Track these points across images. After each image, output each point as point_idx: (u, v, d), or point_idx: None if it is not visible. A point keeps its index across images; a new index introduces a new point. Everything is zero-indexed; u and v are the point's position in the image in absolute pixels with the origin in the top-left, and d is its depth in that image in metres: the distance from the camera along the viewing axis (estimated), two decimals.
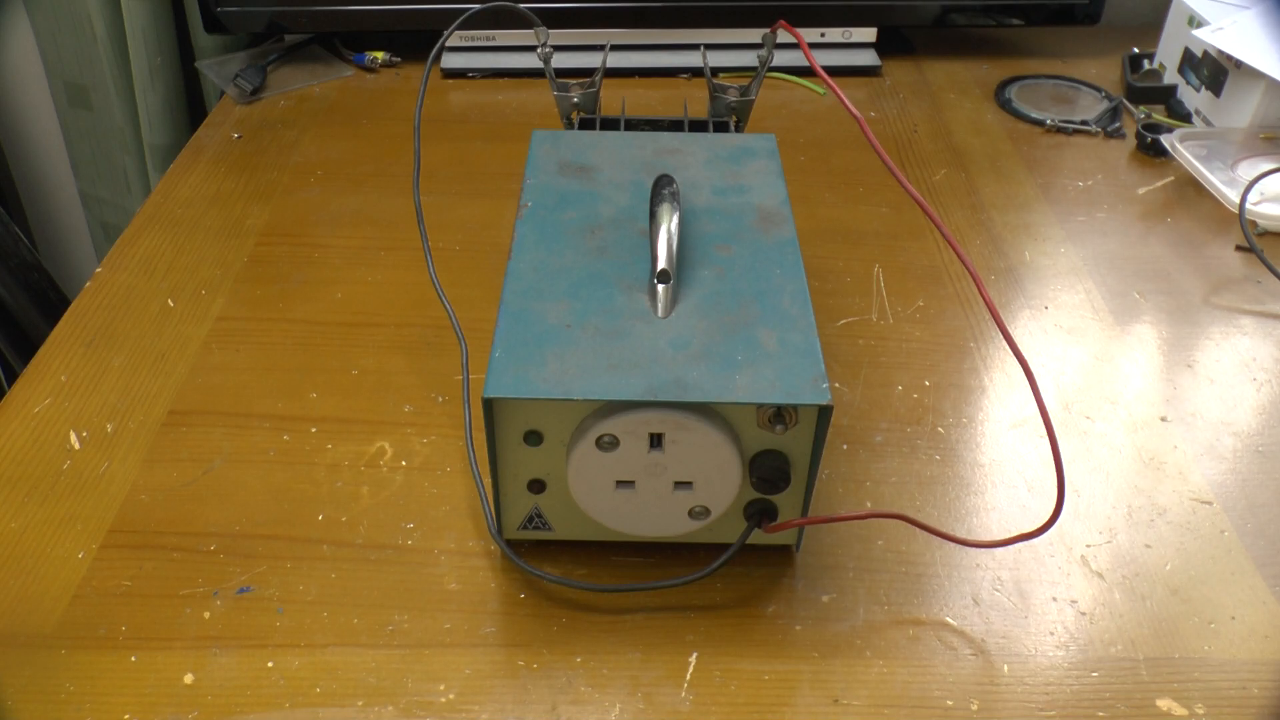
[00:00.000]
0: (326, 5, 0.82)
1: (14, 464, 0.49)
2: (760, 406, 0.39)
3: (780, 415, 0.39)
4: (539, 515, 0.43)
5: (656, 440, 0.39)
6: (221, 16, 0.82)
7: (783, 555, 0.45)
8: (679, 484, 0.40)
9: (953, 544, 0.45)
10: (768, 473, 0.40)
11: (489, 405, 0.39)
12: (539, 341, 0.40)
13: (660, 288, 0.42)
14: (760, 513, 0.42)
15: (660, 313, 0.41)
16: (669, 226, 0.43)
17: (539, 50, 0.58)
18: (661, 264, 0.42)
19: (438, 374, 0.54)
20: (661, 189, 0.45)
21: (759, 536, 0.42)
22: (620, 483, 0.40)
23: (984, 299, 0.39)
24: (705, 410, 0.38)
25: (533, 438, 0.40)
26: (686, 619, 0.42)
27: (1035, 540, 0.45)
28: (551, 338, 0.40)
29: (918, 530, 0.46)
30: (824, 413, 0.39)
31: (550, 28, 0.59)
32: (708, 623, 0.42)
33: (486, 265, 0.61)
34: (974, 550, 0.45)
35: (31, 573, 0.44)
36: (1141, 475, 0.49)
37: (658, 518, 0.41)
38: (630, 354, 0.40)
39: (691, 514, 0.41)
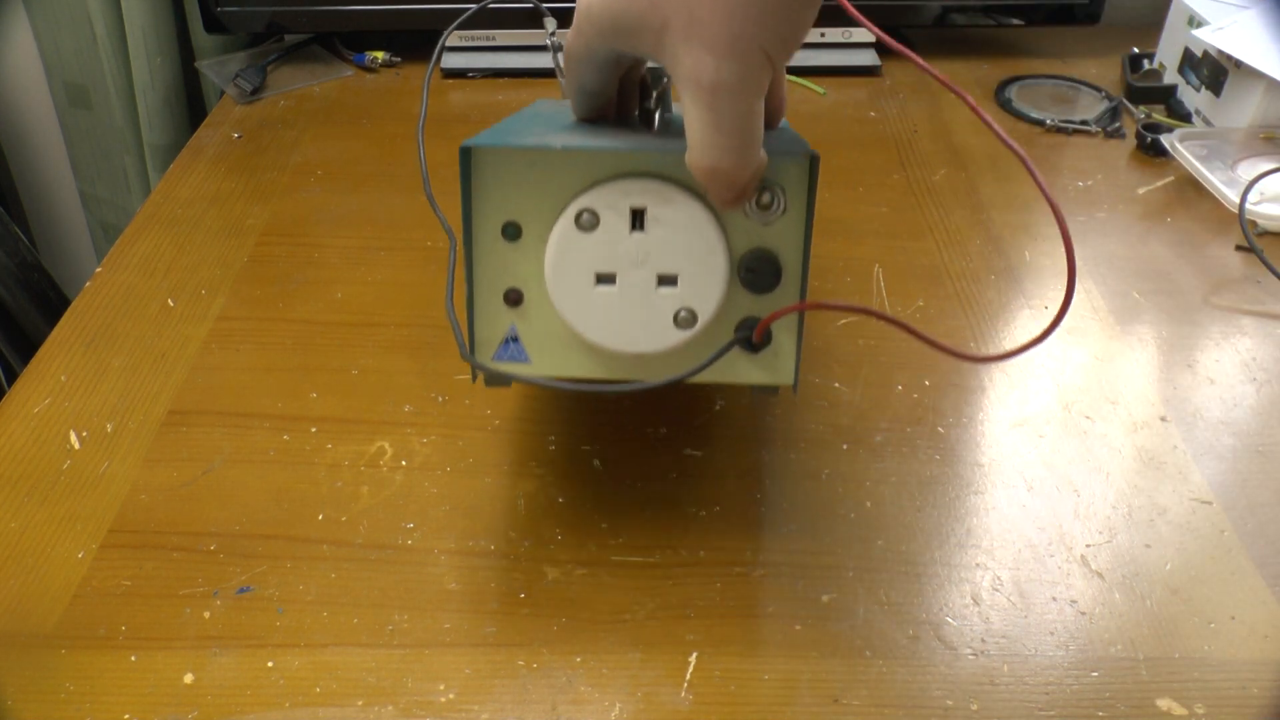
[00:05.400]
0: (326, 5, 0.82)
1: (14, 464, 0.49)
2: None
3: (767, 194, 0.38)
4: (515, 341, 0.41)
5: (638, 220, 0.38)
6: (221, 16, 0.82)
7: (784, 554, 0.45)
8: (663, 279, 0.39)
9: (954, 541, 0.45)
10: (756, 262, 0.39)
11: (466, 155, 0.38)
12: (522, 133, 0.40)
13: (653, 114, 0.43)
14: (752, 329, 0.40)
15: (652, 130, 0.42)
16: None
17: (548, 39, 0.58)
18: (651, 104, 0.42)
19: (438, 374, 0.54)
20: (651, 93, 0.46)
21: (754, 374, 0.41)
22: (601, 278, 0.39)
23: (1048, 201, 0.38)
24: (687, 183, 0.38)
25: (511, 230, 0.39)
26: (686, 619, 0.42)
27: (1035, 540, 0.45)
28: (536, 132, 0.40)
29: (917, 530, 0.46)
30: (813, 166, 0.38)
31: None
32: (708, 623, 0.42)
33: None
34: (973, 550, 0.45)
35: (31, 572, 0.44)
36: (1141, 475, 0.49)
37: (641, 325, 0.40)
38: (614, 134, 0.40)
39: (677, 320, 0.39)
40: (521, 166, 0.38)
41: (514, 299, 0.40)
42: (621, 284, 0.39)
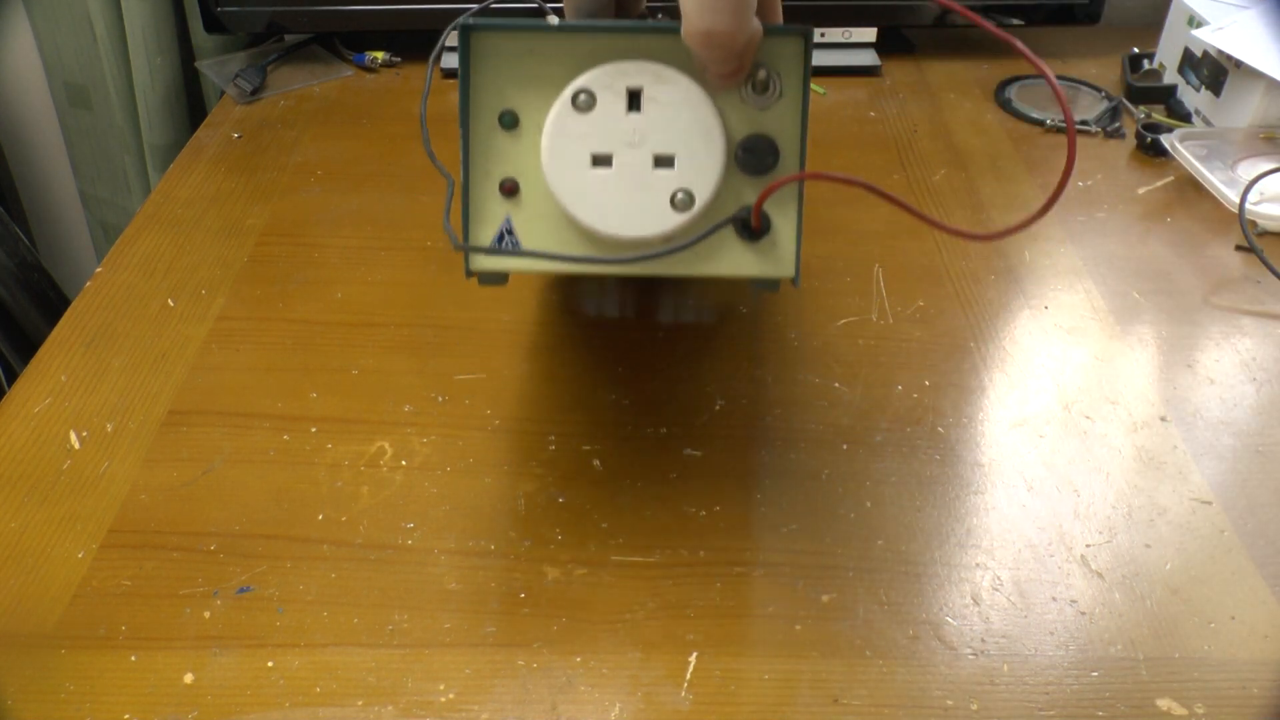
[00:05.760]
0: (326, 5, 0.82)
1: (14, 464, 0.49)
2: None
3: (763, 71, 0.38)
4: (510, 234, 0.41)
5: (635, 101, 0.38)
6: (221, 16, 0.82)
7: (784, 554, 0.45)
8: (659, 160, 0.39)
9: (954, 541, 0.45)
10: (753, 143, 0.39)
11: (465, 35, 0.38)
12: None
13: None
14: (750, 212, 0.40)
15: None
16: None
17: None
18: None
19: (438, 374, 0.54)
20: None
21: (754, 266, 0.41)
22: (597, 159, 0.39)
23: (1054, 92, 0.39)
24: (685, 66, 0.38)
25: (508, 118, 0.39)
26: (686, 619, 0.42)
27: (1035, 540, 0.45)
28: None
29: (917, 530, 0.46)
30: (807, 42, 0.38)
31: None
32: (708, 623, 0.42)
33: None
34: (973, 550, 0.45)
35: (31, 572, 0.44)
36: (1141, 475, 0.49)
37: (638, 207, 0.39)
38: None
39: (674, 203, 0.39)
40: (520, 52, 0.39)
41: (509, 188, 0.40)
42: (618, 165, 0.39)
